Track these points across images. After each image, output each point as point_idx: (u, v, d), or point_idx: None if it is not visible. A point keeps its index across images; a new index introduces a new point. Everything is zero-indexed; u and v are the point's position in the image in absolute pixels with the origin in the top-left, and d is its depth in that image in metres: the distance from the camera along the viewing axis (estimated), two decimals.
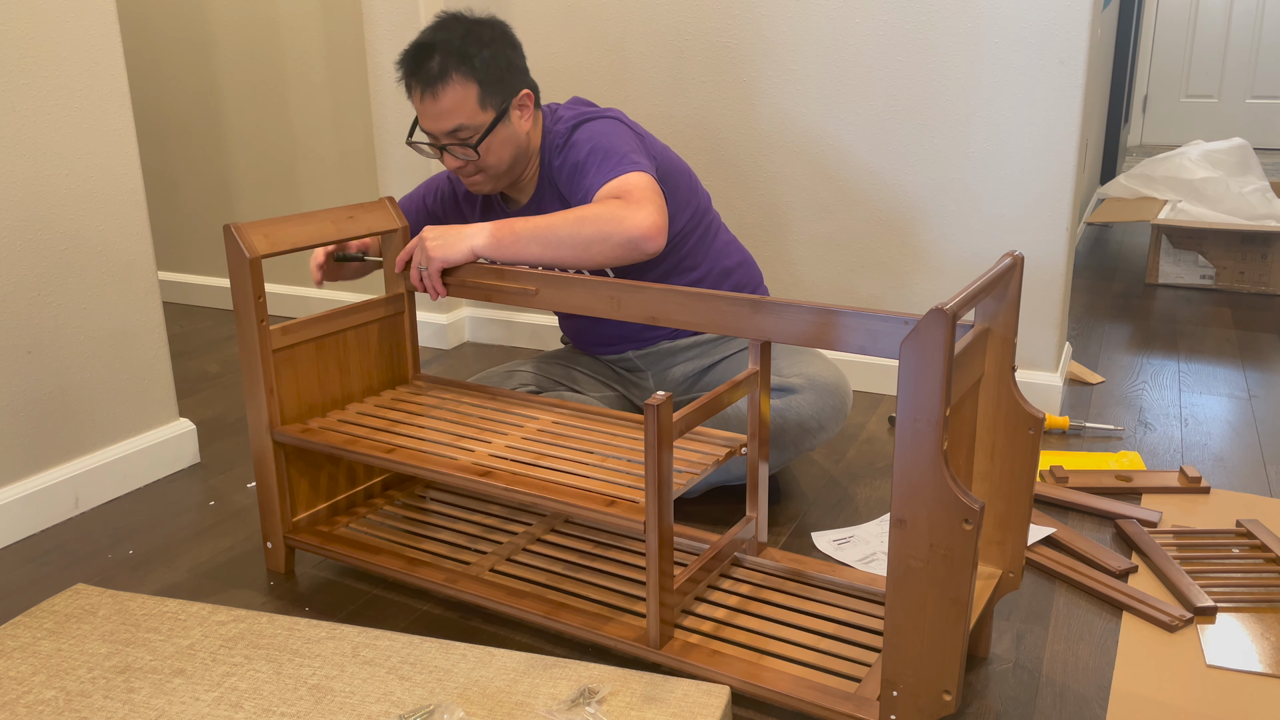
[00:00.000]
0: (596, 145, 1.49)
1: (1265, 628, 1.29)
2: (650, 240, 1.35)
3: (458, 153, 1.50)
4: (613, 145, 1.48)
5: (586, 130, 1.53)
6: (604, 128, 1.52)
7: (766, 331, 1.19)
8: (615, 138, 1.50)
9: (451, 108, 1.47)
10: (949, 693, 0.98)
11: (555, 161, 1.55)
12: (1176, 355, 2.43)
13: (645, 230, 1.35)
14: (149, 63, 2.88)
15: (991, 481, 1.16)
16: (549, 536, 1.45)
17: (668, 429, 1.08)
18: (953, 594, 0.95)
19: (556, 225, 1.37)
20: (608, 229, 1.35)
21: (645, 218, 1.36)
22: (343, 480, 1.53)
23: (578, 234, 1.36)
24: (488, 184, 1.56)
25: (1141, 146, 5.50)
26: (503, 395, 1.51)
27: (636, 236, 1.35)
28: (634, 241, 1.35)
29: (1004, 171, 1.98)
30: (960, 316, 0.93)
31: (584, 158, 1.49)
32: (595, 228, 1.35)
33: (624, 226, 1.35)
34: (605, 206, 1.37)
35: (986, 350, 1.12)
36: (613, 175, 1.43)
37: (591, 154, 1.48)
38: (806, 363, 1.60)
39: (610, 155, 1.46)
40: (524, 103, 1.52)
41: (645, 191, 1.40)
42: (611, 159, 1.46)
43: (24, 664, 1.21)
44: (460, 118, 1.47)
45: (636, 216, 1.35)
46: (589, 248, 1.36)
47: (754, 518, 1.34)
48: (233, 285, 1.34)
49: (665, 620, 1.16)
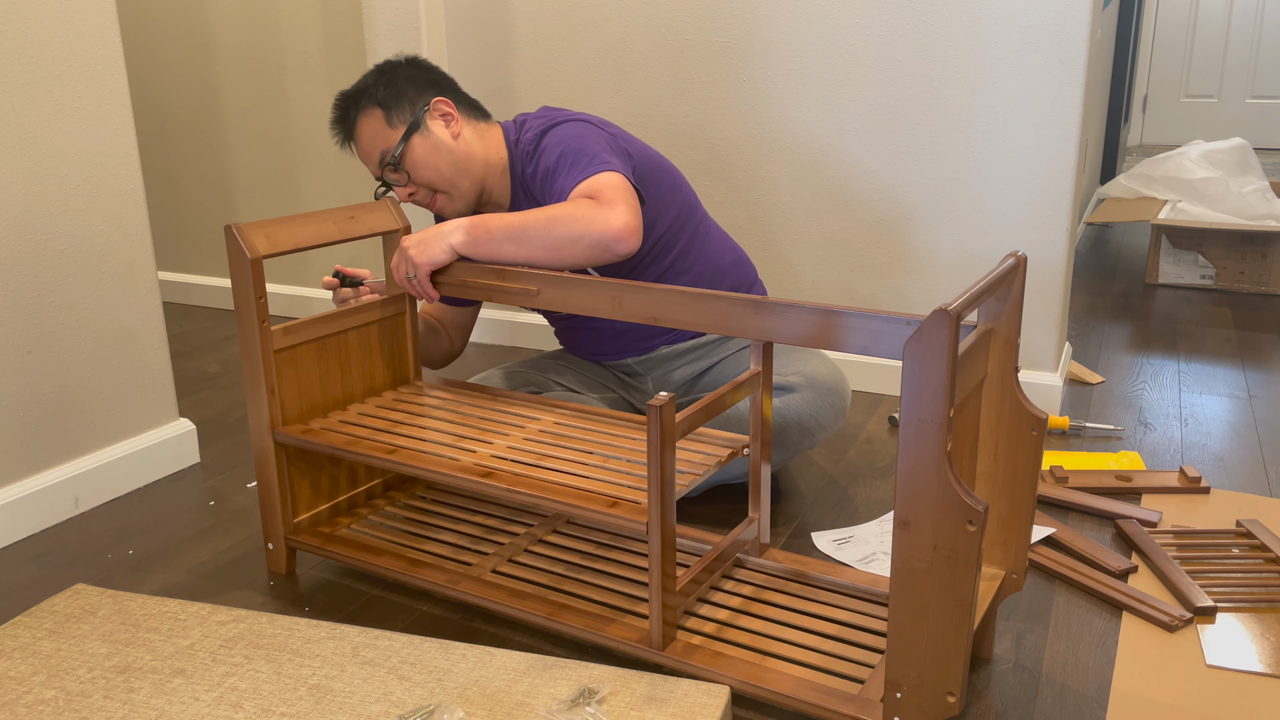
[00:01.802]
0: (567, 148, 1.47)
1: (1265, 628, 1.29)
2: (622, 242, 1.33)
3: (394, 179, 1.53)
4: (583, 146, 1.46)
5: (555, 134, 1.51)
6: (573, 130, 1.51)
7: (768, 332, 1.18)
8: (585, 139, 1.48)
9: (368, 140, 1.53)
10: (953, 694, 0.98)
11: (528, 170, 1.55)
12: (1176, 355, 2.43)
13: (616, 231, 1.32)
14: (149, 63, 2.88)
15: (995, 482, 1.16)
16: (551, 537, 1.45)
17: (670, 430, 1.08)
18: (956, 595, 0.95)
19: (528, 224, 1.35)
20: (578, 229, 1.33)
21: (616, 218, 1.33)
22: (344, 481, 1.53)
23: (549, 234, 1.34)
24: (451, 205, 1.56)
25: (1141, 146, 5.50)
26: (504, 396, 1.51)
27: (607, 238, 1.32)
28: (604, 242, 1.33)
29: (1004, 171, 1.98)
30: (964, 317, 0.93)
31: (555, 161, 1.47)
32: (565, 228, 1.33)
33: (594, 228, 1.32)
34: (577, 206, 1.35)
35: (990, 351, 1.12)
36: (584, 176, 1.41)
37: (562, 157, 1.47)
38: (804, 360, 1.60)
39: (581, 156, 1.45)
40: (441, 109, 1.53)
41: (618, 191, 1.37)
42: (582, 159, 1.44)
43: (24, 664, 1.21)
44: (379, 145, 1.52)
45: (607, 217, 1.33)
46: (560, 248, 1.34)
47: (756, 519, 1.34)
48: (234, 286, 1.34)
49: (668, 621, 1.16)
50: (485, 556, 1.40)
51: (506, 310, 2.59)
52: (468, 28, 2.40)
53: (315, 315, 1.43)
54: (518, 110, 2.39)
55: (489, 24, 2.38)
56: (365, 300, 1.53)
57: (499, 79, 2.40)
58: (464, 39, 2.41)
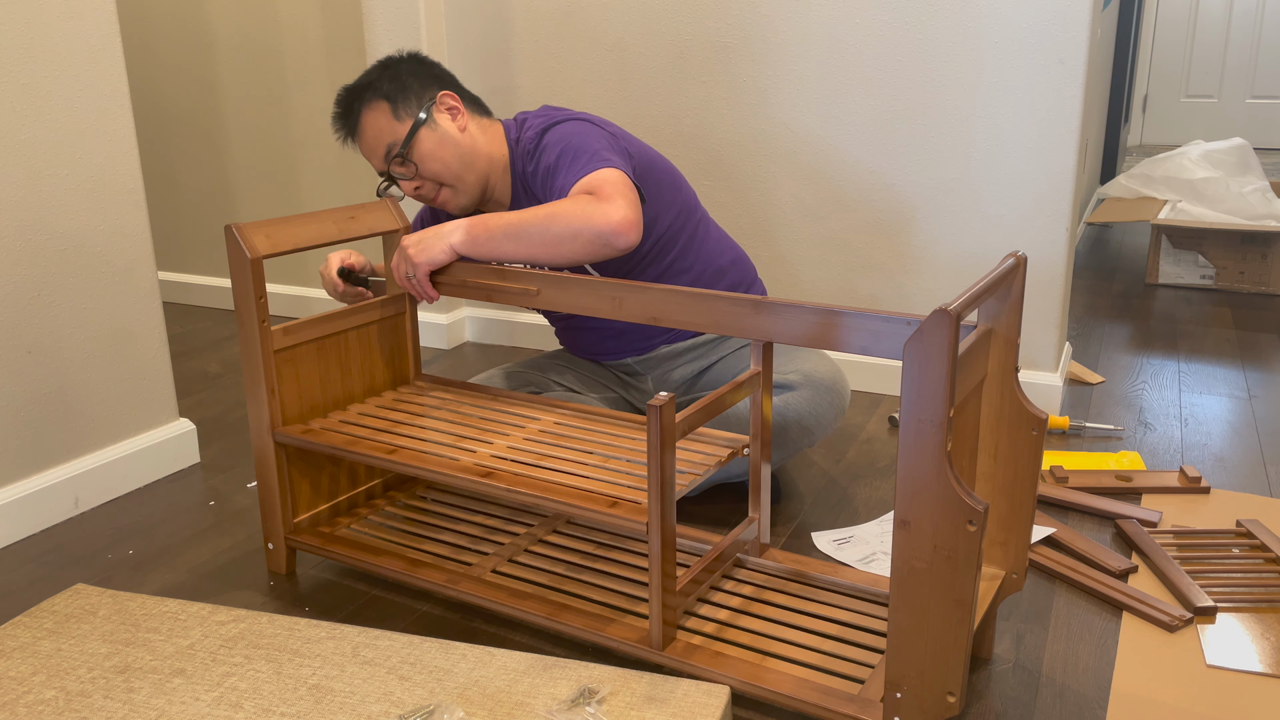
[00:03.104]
0: (567, 145, 1.47)
1: (1265, 628, 1.29)
2: (621, 235, 1.32)
3: (400, 172, 1.52)
4: (583, 144, 1.46)
5: (556, 132, 1.51)
6: (573, 128, 1.51)
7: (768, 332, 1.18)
8: (586, 137, 1.48)
9: (373, 133, 1.52)
10: (953, 694, 0.98)
11: (529, 168, 1.55)
12: (1176, 355, 2.43)
13: (615, 225, 1.32)
14: (149, 63, 2.88)
15: (995, 482, 1.16)
16: (551, 537, 1.45)
17: (670, 430, 1.08)
18: (957, 595, 0.95)
19: (528, 221, 1.35)
20: (577, 225, 1.32)
21: (615, 212, 1.32)
22: (344, 481, 1.53)
23: (548, 230, 1.33)
24: (455, 199, 1.56)
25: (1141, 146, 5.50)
26: (504, 396, 1.51)
27: (606, 232, 1.32)
28: (604, 236, 1.32)
29: (1004, 171, 1.98)
30: (964, 317, 0.93)
31: (554, 160, 1.47)
32: (564, 224, 1.33)
33: (594, 222, 1.32)
34: (575, 202, 1.35)
35: (989, 351, 1.12)
36: (584, 173, 1.41)
37: (562, 155, 1.47)
38: (804, 359, 1.60)
39: (581, 153, 1.45)
40: (447, 103, 1.53)
41: (617, 186, 1.37)
42: (582, 157, 1.44)
43: (24, 664, 1.21)
44: (385, 138, 1.51)
45: (606, 211, 1.32)
46: (559, 245, 1.33)
47: (756, 518, 1.34)
48: (234, 286, 1.34)
49: (668, 621, 1.16)
50: (485, 556, 1.40)
51: (506, 310, 2.59)
52: (468, 28, 2.40)
53: (315, 315, 1.43)
54: (518, 109, 2.38)
55: (489, 24, 2.38)
56: (374, 284, 1.55)
57: (499, 79, 2.40)
58: (464, 39, 2.41)
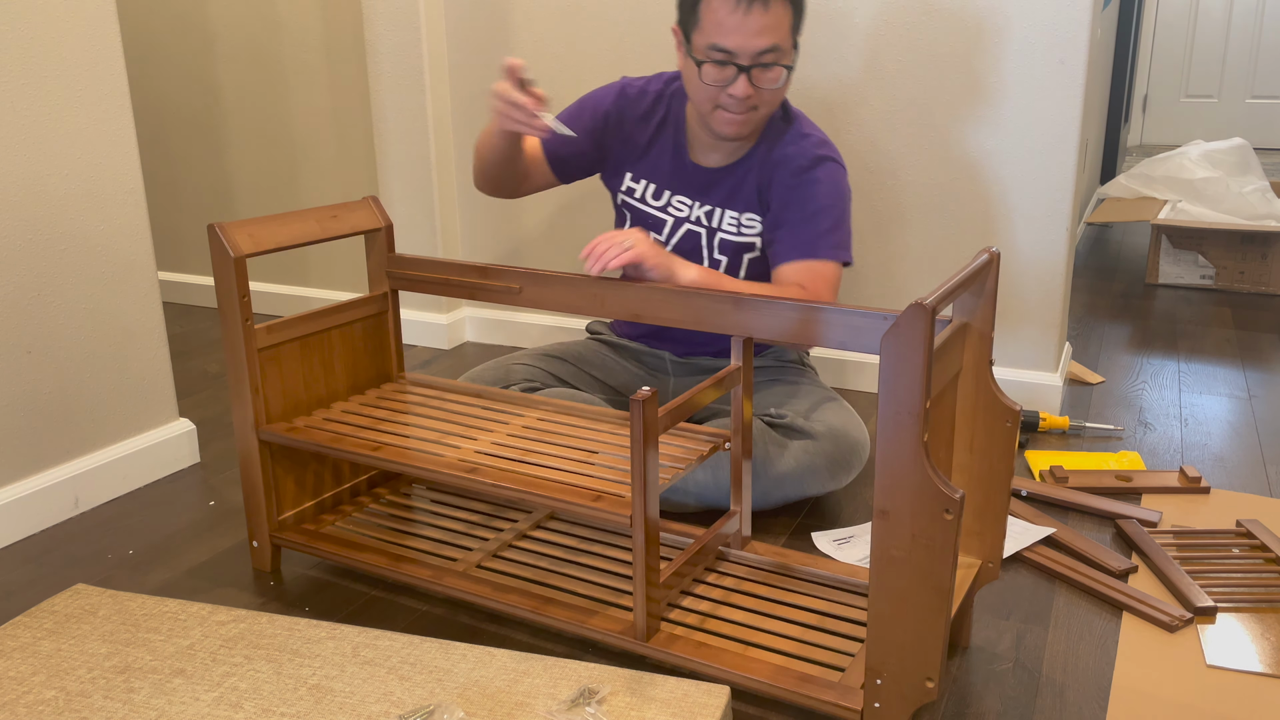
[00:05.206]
0: (833, 205, 1.54)
1: (1265, 628, 1.29)
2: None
3: (762, 78, 1.47)
4: (840, 218, 1.54)
5: (830, 173, 1.55)
6: (841, 186, 1.56)
7: (748, 327, 1.20)
8: (844, 204, 1.56)
9: (774, 25, 1.44)
10: (931, 680, 1.00)
11: (786, 151, 1.56)
12: (1176, 355, 2.43)
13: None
14: (149, 63, 2.88)
15: (970, 473, 1.18)
16: (535, 532, 1.46)
17: (653, 425, 1.09)
18: (934, 583, 0.97)
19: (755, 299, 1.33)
20: None
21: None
22: (329, 478, 1.53)
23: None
24: (746, 127, 1.53)
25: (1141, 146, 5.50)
26: (489, 393, 1.52)
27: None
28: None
29: (1004, 171, 1.98)
30: (939, 311, 0.94)
31: (819, 207, 1.53)
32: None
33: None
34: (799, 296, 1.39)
35: (965, 344, 1.14)
36: (826, 256, 1.50)
37: (824, 212, 1.52)
38: (833, 413, 1.60)
39: (837, 230, 1.53)
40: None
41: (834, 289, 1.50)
42: (835, 235, 1.52)
43: (24, 664, 1.21)
44: (777, 37, 1.45)
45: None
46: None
47: (738, 512, 1.35)
48: (217, 284, 1.35)
49: (652, 613, 1.17)
50: (470, 552, 1.40)
51: (506, 310, 2.59)
52: (468, 28, 2.40)
53: (298, 314, 1.44)
54: None
55: (489, 24, 2.38)
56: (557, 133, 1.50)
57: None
58: (464, 39, 2.41)
